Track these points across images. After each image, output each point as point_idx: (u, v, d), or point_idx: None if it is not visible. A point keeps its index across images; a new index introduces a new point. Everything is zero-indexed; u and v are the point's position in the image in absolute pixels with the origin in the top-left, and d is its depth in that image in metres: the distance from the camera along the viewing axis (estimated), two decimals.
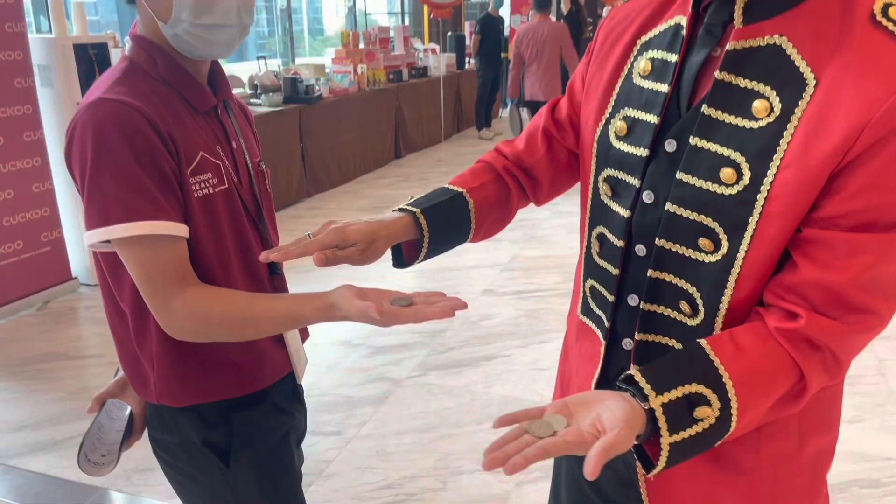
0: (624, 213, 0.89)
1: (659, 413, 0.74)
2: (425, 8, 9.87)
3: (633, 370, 0.78)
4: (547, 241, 4.87)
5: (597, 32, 1.01)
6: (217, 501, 1.17)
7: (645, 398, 0.75)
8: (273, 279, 1.18)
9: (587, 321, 1.01)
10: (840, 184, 0.73)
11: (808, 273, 0.76)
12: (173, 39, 1.03)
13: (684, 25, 0.85)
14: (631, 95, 0.90)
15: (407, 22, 12.50)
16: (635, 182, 0.88)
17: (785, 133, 0.75)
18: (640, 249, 0.89)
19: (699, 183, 0.80)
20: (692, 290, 0.84)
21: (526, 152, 1.09)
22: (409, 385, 2.98)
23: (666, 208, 0.83)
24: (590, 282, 0.99)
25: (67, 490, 2.34)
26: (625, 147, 0.90)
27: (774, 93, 0.76)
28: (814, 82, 0.74)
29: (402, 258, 1.05)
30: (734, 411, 0.76)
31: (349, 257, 0.95)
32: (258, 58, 6.46)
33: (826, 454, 0.93)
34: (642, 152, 0.87)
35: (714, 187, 0.79)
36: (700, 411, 0.75)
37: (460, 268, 4.33)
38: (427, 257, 1.04)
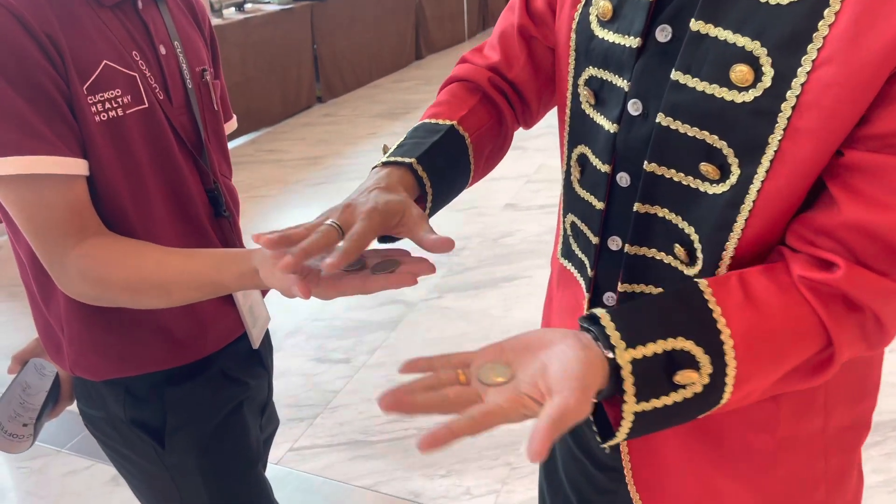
0: (610, 127, 0.70)
1: (626, 372, 0.57)
2: None
3: (600, 311, 0.60)
4: None
5: None
6: (156, 485, 0.99)
7: (610, 348, 0.57)
8: (219, 223, 0.94)
9: (569, 266, 0.83)
10: None
11: (849, 212, 0.58)
12: None
13: None
14: None
15: None
16: (624, 85, 0.68)
17: (826, 11, 0.54)
18: (623, 178, 0.70)
19: (701, 86, 0.61)
20: (689, 230, 0.66)
21: (503, 62, 0.85)
22: (423, 308, 2.80)
23: (657, 121, 0.64)
24: (570, 217, 0.80)
25: (65, 420, 2.23)
26: (610, 36, 0.69)
27: None
28: None
29: None
30: (729, 380, 0.58)
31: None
32: None
33: (860, 425, 0.76)
34: (632, 42, 0.66)
35: (722, 92, 0.60)
36: (683, 376, 0.57)
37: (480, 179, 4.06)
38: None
